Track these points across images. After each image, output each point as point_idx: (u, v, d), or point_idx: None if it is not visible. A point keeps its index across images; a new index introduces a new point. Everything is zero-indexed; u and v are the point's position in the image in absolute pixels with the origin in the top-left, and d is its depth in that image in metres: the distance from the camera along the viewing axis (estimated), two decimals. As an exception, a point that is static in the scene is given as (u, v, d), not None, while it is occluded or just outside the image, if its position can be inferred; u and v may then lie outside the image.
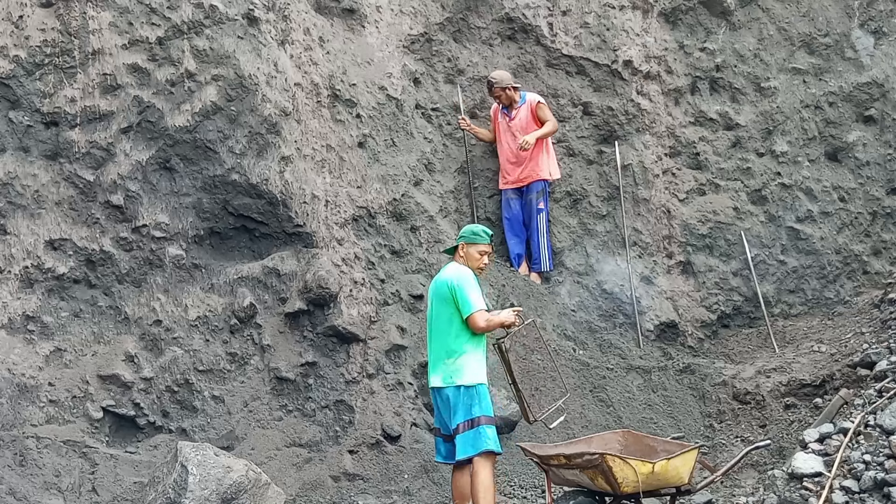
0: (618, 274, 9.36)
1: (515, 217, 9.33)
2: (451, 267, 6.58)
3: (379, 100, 8.93)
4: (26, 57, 7.56)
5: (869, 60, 9.81)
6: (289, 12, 8.39)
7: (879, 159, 9.70)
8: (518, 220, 9.34)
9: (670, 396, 8.58)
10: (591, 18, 9.65)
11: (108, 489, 7.05)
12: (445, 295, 6.43)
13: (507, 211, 9.35)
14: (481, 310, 6.36)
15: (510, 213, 9.34)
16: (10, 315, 7.43)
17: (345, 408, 7.80)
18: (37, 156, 7.66)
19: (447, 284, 6.44)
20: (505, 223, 9.37)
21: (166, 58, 7.78)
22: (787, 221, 9.56)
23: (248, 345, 7.86)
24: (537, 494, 7.54)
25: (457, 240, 6.76)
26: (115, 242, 7.72)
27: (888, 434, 6.10)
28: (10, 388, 7.23)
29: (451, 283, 6.42)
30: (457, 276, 6.45)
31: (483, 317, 6.35)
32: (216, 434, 7.55)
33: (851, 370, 7.73)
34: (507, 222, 9.37)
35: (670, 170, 9.62)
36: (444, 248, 6.89)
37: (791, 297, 9.49)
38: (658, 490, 6.16)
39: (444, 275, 6.56)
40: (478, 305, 6.35)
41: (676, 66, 9.72)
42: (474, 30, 9.65)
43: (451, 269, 6.55)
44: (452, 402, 6.37)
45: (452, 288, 6.39)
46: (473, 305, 6.33)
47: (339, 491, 7.40)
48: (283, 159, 8.01)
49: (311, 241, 8.09)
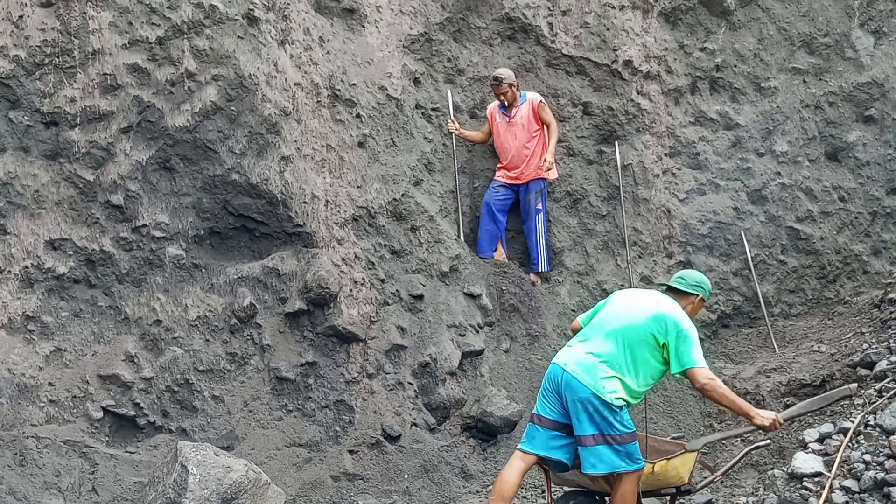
0: (618, 274, 9.36)
1: (497, 206, 9.25)
2: (678, 308, 5.85)
3: (379, 100, 8.93)
4: (26, 57, 7.56)
5: (869, 60, 9.82)
6: (289, 12, 8.38)
7: (879, 159, 9.70)
8: (501, 210, 9.28)
9: (670, 396, 8.58)
10: (591, 18, 9.65)
11: (108, 489, 7.05)
12: (662, 331, 5.70)
13: (493, 198, 9.30)
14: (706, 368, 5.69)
15: (494, 201, 9.27)
16: (10, 315, 7.43)
17: (345, 408, 7.81)
18: (37, 156, 7.66)
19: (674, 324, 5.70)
20: (483, 207, 9.31)
21: (166, 58, 7.78)
22: (787, 221, 9.56)
23: (248, 345, 7.86)
24: (537, 494, 7.54)
25: (693, 287, 5.99)
26: (115, 242, 7.72)
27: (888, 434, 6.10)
28: (10, 388, 7.23)
29: (679, 327, 5.69)
30: (688, 324, 5.76)
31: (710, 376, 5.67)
32: (216, 434, 7.55)
33: (851, 370, 7.74)
34: (486, 207, 9.28)
35: (670, 170, 9.62)
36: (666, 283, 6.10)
37: (791, 297, 9.50)
38: (658, 490, 6.15)
39: (670, 310, 5.79)
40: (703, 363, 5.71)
41: (676, 66, 9.72)
42: (474, 30, 9.65)
43: (679, 311, 5.83)
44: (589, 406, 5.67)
45: (679, 332, 5.68)
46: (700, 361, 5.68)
47: (339, 491, 7.40)
48: (283, 159, 8.01)
49: (311, 241, 8.09)
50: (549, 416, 5.82)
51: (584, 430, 5.65)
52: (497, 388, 8.31)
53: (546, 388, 5.86)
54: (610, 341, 5.75)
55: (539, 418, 5.86)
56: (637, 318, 5.76)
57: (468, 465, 7.75)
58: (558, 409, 5.79)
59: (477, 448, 8.01)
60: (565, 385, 5.71)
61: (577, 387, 5.67)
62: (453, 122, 9.32)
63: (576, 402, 5.67)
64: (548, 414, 5.82)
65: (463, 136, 9.41)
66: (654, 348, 5.73)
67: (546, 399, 5.85)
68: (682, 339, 5.67)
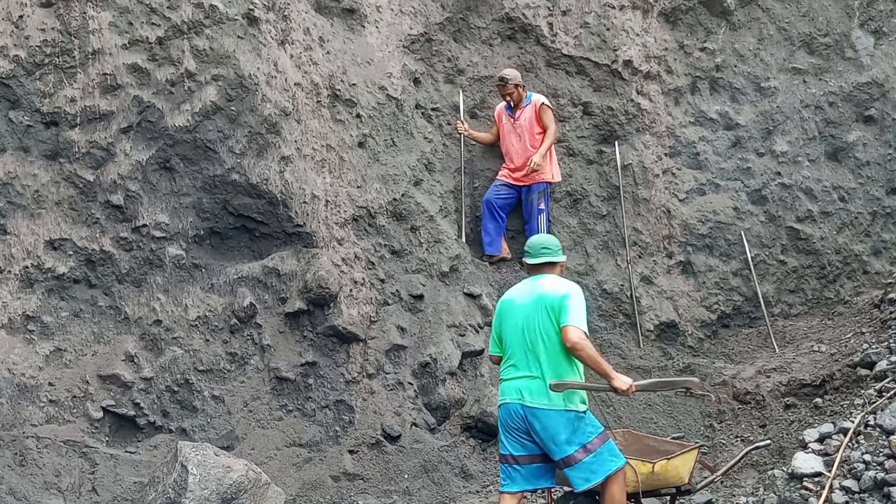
0: (618, 274, 9.36)
1: (499, 204, 9.25)
2: (555, 282, 5.85)
3: (379, 100, 8.93)
4: (26, 57, 7.56)
5: (869, 60, 9.82)
6: (289, 12, 8.38)
7: (879, 159, 9.70)
8: (502, 208, 9.27)
9: (670, 396, 8.58)
10: (591, 18, 9.65)
11: (108, 489, 7.05)
12: (556, 309, 5.69)
13: (494, 196, 9.28)
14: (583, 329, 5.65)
15: (496, 198, 9.26)
16: (10, 315, 7.43)
17: (345, 408, 7.81)
18: (37, 156, 7.66)
19: (560, 296, 5.70)
20: (484, 206, 9.31)
21: (166, 58, 7.78)
22: (787, 221, 9.56)
23: (248, 345, 7.86)
24: (537, 494, 7.53)
25: (557, 254, 5.95)
26: (115, 242, 7.72)
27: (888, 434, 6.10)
28: (10, 388, 7.23)
29: (560, 295, 5.71)
30: (567, 288, 5.78)
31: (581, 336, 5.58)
32: (216, 434, 7.55)
33: (851, 370, 7.74)
34: (487, 205, 9.28)
35: (670, 170, 9.62)
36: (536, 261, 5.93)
37: (791, 297, 9.50)
38: (658, 490, 6.15)
39: (550, 288, 5.79)
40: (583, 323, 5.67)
41: (676, 66, 9.72)
42: (474, 30, 9.65)
43: (557, 283, 5.84)
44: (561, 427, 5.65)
45: (562, 299, 5.68)
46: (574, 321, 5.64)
47: (339, 491, 7.40)
48: (283, 159, 8.01)
49: (311, 241, 8.09)
50: (524, 454, 5.74)
51: (566, 451, 5.60)
52: (497, 388, 8.30)
53: (509, 428, 5.76)
54: (534, 352, 5.71)
55: (514, 458, 5.76)
56: (536, 317, 5.72)
57: (468, 465, 7.75)
58: (530, 443, 5.72)
59: (477, 448, 8.01)
60: (530, 418, 5.65)
61: (541, 415, 5.63)
62: (462, 123, 9.32)
63: (547, 429, 5.63)
64: (521, 452, 5.74)
65: (472, 137, 9.41)
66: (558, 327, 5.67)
67: (514, 438, 5.75)
68: (563, 303, 5.64)
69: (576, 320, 5.59)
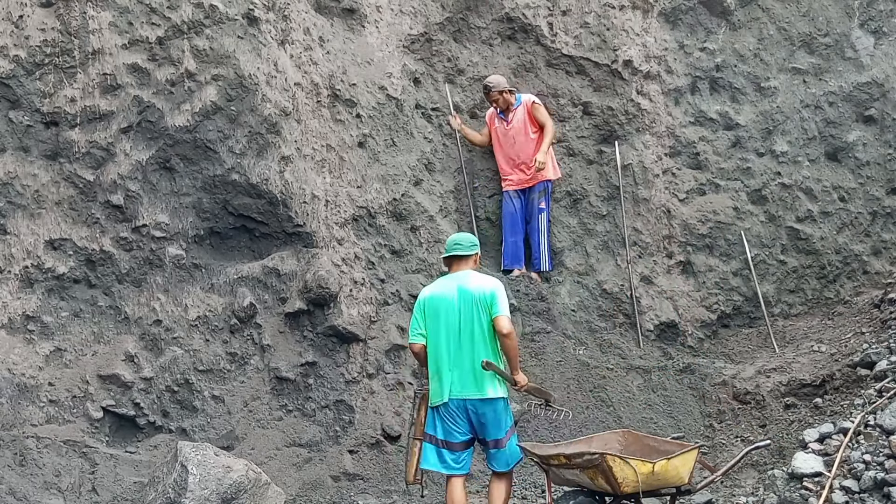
0: (618, 274, 9.36)
1: (517, 215, 9.28)
2: (479, 277, 6.36)
3: (379, 100, 8.93)
4: (26, 57, 7.56)
5: (869, 60, 9.81)
6: (289, 12, 8.38)
7: (879, 159, 9.70)
8: (519, 219, 9.30)
9: (670, 396, 8.58)
10: (591, 18, 9.65)
11: (108, 489, 7.05)
12: (487, 302, 6.19)
13: (509, 209, 9.30)
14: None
15: (512, 210, 9.28)
16: (10, 315, 7.43)
17: (345, 408, 7.81)
18: (37, 156, 7.66)
19: (490, 292, 6.20)
20: (505, 221, 9.33)
21: (166, 58, 7.78)
22: (787, 221, 9.56)
23: (248, 345, 7.87)
24: (537, 494, 7.54)
25: (471, 248, 6.41)
26: (115, 242, 7.72)
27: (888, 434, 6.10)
28: (10, 388, 7.23)
29: (490, 290, 6.20)
30: (493, 283, 6.29)
31: (511, 327, 6.19)
32: (216, 434, 7.55)
33: (851, 370, 7.73)
34: (509, 218, 9.30)
35: (670, 170, 9.62)
36: (452, 254, 6.41)
37: (791, 297, 9.49)
38: (658, 490, 6.15)
39: (477, 284, 6.27)
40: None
41: (676, 66, 9.72)
42: (474, 30, 9.65)
43: (482, 279, 6.33)
44: (497, 413, 6.22)
45: (492, 292, 6.19)
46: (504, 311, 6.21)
47: (339, 491, 7.40)
48: (283, 159, 8.01)
49: (311, 241, 8.09)
50: (459, 440, 6.26)
51: (497, 433, 6.22)
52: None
53: (451, 419, 6.22)
54: (467, 345, 6.19)
55: (447, 443, 6.26)
56: (465, 310, 6.21)
57: (468, 465, 7.75)
58: (467, 430, 6.25)
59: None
60: (473, 408, 6.18)
61: (481, 404, 6.16)
62: (455, 117, 9.30)
63: (486, 414, 6.19)
64: (457, 438, 6.25)
65: (464, 133, 9.39)
66: (489, 320, 6.18)
67: (454, 425, 6.23)
68: (493, 297, 6.19)
69: (506, 311, 6.17)
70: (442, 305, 6.27)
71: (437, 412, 6.25)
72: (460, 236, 6.56)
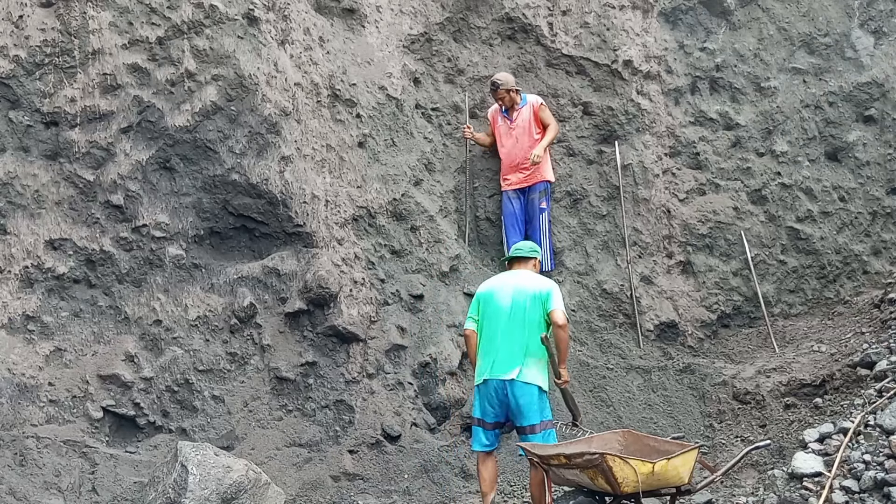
0: (618, 274, 9.36)
1: (517, 215, 9.28)
2: (537, 278, 6.89)
3: (379, 100, 8.93)
4: (26, 57, 7.56)
5: (869, 60, 9.82)
6: (289, 12, 8.39)
7: (879, 159, 9.70)
8: (519, 219, 9.30)
9: (670, 396, 8.58)
10: (591, 18, 9.65)
11: (108, 489, 7.05)
12: (544, 299, 6.72)
13: (509, 209, 9.30)
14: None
15: (512, 211, 9.28)
16: (10, 315, 7.43)
17: (345, 408, 7.81)
18: (37, 156, 7.66)
19: (547, 291, 6.74)
20: (506, 221, 9.33)
21: (166, 58, 7.78)
22: (787, 221, 9.56)
23: (248, 345, 7.87)
24: (537, 494, 7.53)
25: (531, 252, 7.06)
26: (115, 242, 7.73)
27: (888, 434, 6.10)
28: (10, 388, 7.23)
29: (547, 289, 6.73)
30: (549, 283, 6.82)
31: (566, 320, 6.70)
32: (216, 434, 7.55)
33: (851, 370, 7.74)
34: (510, 219, 9.30)
35: (670, 170, 9.62)
36: (515, 255, 7.10)
37: (791, 297, 9.50)
38: (658, 490, 6.15)
39: (535, 283, 6.80)
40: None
41: (676, 66, 9.72)
42: (474, 30, 9.65)
43: (539, 280, 6.86)
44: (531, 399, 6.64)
45: (549, 291, 6.72)
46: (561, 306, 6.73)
47: (339, 491, 7.41)
48: (283, 159, 8.01)
49: (311, 240, 8.09)
50: (491, 421, 6.74)
51: (533, 419, 6.60)
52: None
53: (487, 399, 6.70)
54: (516, 333, 6.66)
55: (481, 422, 6.77)
56: (522, 304, 6.71)
57: (468, 465, 7.75)
58: (500, 412, 6.70)
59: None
60: (510, 390, 6.60)
61: (517, 385, 6.58)
62: (469, 128, 9.31)
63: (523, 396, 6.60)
64: (491, 418, 6.74)
65: (476, 141, 9.40)
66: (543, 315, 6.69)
67: (490, 406, 6.71)
68: (549, 293, 6.72)
69: (561, 306, 6.67)
70: (498, 296, 6.82)
71: (479, 391, 6.75)
72: (523, 243, 7.25)
